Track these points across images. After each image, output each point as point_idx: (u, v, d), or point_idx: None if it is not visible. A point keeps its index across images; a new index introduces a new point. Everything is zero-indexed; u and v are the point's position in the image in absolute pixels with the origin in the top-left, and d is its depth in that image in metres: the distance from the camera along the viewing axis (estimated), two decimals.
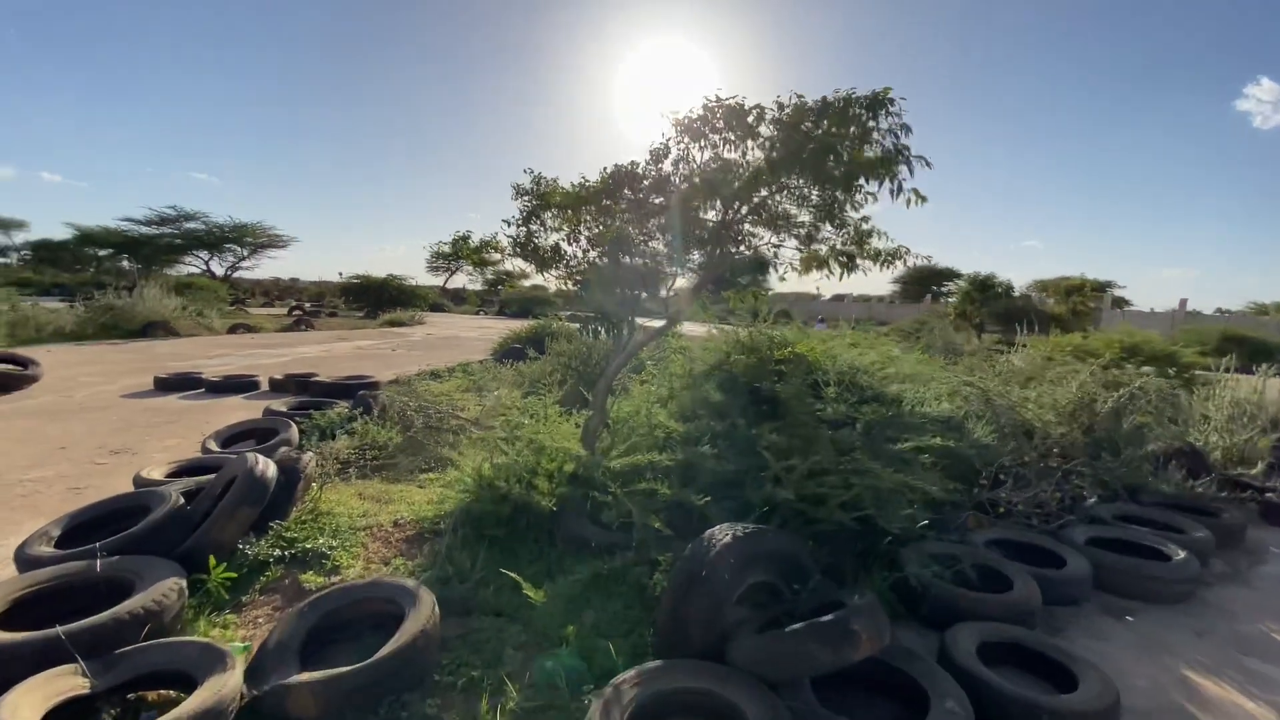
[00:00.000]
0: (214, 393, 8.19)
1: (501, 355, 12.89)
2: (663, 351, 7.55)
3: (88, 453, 5.23)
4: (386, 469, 5.10)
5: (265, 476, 3.25)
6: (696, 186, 3.13)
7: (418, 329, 22.74)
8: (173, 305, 17.33)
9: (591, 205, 3.52)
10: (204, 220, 46.15)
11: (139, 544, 2.93)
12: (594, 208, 3.55)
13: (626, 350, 3.93)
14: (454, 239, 4.09)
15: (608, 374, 4.09)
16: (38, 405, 6.95)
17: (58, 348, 12.28)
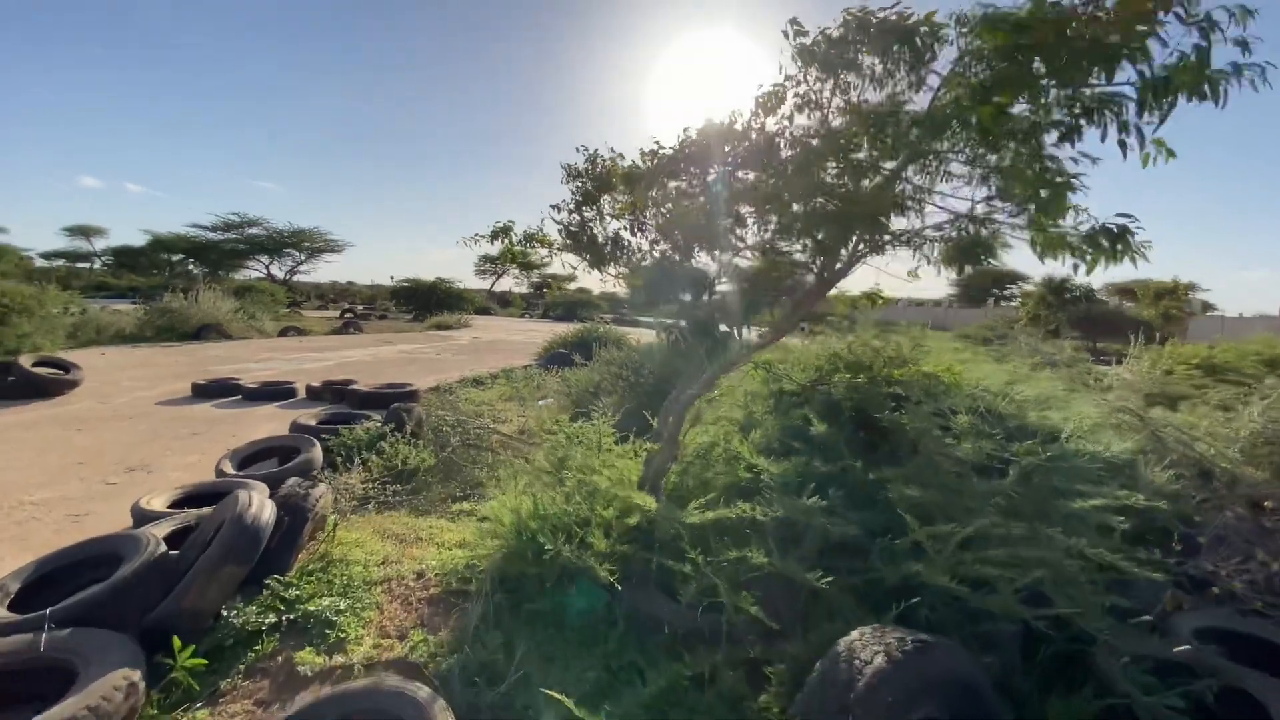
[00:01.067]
0: (250, 400, 7.84)
1: (546, 361, 12.33)
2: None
3: (103, 469, 4.81)
4: (416, 495, 4.49)
5: (257, 524, 2.64)
6: (835, 138, 2.27)
7: (464, 332, 22.56)
8: (227, 308, 17.54)
9: (665, 179, 2.77)
10: (265, 226, 47.85)
11: (102, 607, 2.35)
12: (668, 184, 2.80)
13: (714, 369, 3.15)
14: (494, 229, 3.41)
15: (684, 397, 3.33)
16: (73, 412, 6.69)
17: (112, 349, 12.39)
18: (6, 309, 11.01)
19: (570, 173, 3.41)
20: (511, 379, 10.78)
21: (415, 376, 10.54)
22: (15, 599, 2.47)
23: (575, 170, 3.34)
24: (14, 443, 5.39)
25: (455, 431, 5.69)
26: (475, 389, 9.94)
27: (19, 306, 11.25)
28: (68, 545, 2.75)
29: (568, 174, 3.41)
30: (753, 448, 3.37)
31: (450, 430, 5.67)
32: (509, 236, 3.47)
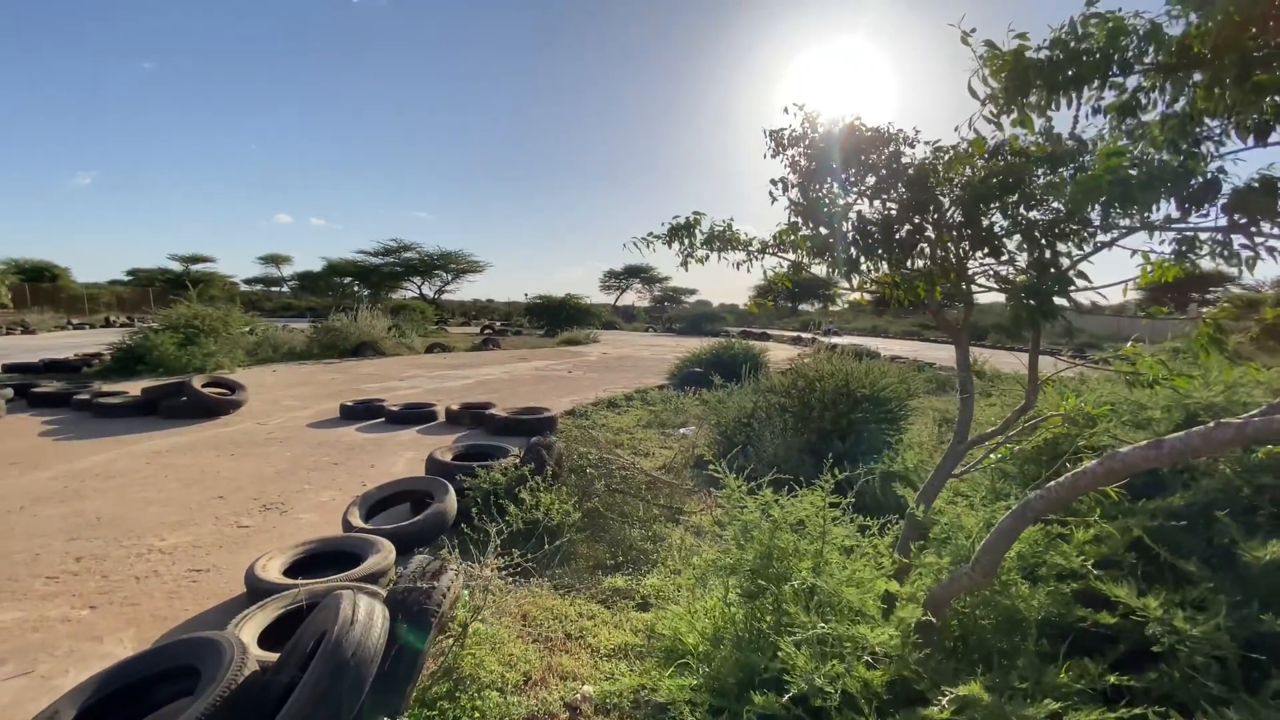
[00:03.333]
0: (392, 423, 7.66)
1: (681, 381, 11.41)
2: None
3: (240, 505, 4.52)
4: (558, 560, 3.65)
5: (360, 656, 1.84)
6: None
7: (593, 348, 22.42)
8: (381, 327, 18.67)
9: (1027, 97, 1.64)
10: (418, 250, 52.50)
11: None
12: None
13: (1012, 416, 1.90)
14: (673, 227, 2.45)
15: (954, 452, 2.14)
16: (230, 434, 6.79)
17: (283, 367, 13.33)
18: (197, 330, 12.19)
19: (781, 142, 2.36)
20: (647, 401, 9.97)
21: (550, 397, 10.08)
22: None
23: (793, 135, 2.29)
24: (169, 469, 5.36)
25: (599, 473, 4.84)
26: (611, 412, 9.23)
27: (208, 328, 12.42)
28: (139, 653, 2.14)
29: (777, 144, 2.36)
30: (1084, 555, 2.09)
31: (594, 472, 4.83)
32: (691, 234, 2.48)
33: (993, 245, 1.98)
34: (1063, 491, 1.76)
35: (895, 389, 6.16)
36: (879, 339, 32.79)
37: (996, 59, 1.72)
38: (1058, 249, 1.84)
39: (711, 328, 38.16)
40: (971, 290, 2.27)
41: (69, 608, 3.01)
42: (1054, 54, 1.66)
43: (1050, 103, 1.73)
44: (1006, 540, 1.84)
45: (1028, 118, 1.80)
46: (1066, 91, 1.68)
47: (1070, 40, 1.64)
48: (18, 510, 4.28)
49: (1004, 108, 1.81)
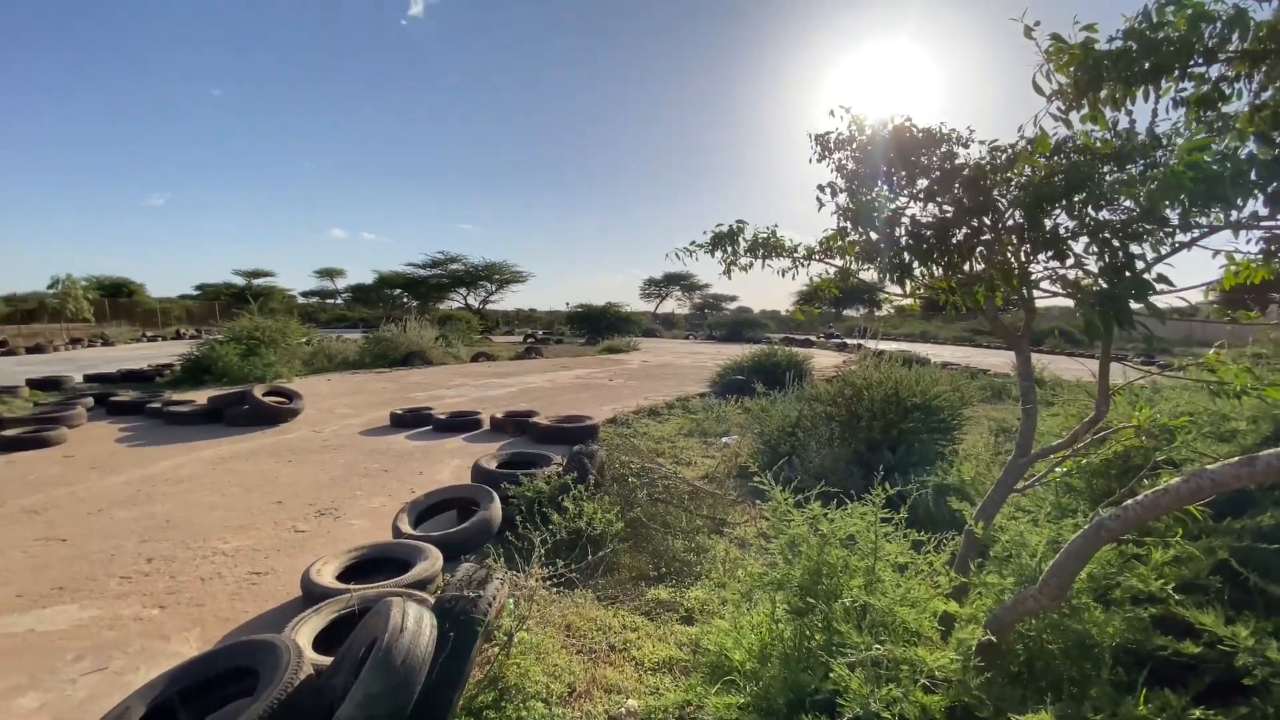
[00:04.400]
0: (439, 431, 7.84)
1: (723, 389, 11.30)
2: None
3: (297, 511, 4.69)
4: (601, 570, 3.63)
5: (410, 663, 1.86)
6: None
7: (633, 356, 22.47)
8: (429, 337, 19.20)
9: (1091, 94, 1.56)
10: (464, 262, 53.90)
11: None
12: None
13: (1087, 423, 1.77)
14: (715, 235, 2.42)
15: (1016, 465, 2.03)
16: (288, 441, 7.08)
17: (337, 376, 13.84)
18: (258, 341, 12.78)
19: (827, 145, 2.30)
20: (689, 410, 9.91)
21: (591, 405, 10.13)
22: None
23: (839, 139, 2.23)
24: (232, 474, 5.62)
25: (641, 482, 4.81)
26: (652, 420, 9.21)
27: (268, 339, 13.02)
28: (203, 654, 2.23)
29: (823, 148, 2.31)
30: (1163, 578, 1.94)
31: (636, 481, 4.81)
32: (734, 243, 2.45)
33: (1057, 248, 1.88)
34: (1141, 510, 1.64)
35: (948, 397, 5.93)
36: (929, 345, 31.77)
37: (1062, 53, 1.63)
38: (1131, 251, 1.73)
39: (753, 334, 37.73)
40: (1033, 295, 2.16)
41: (140, 607, 3.17)
42: (1127, 45, 1.56)
43: (1126, 97, 1.63)
44: (1078, 561, 1.73)
45: (1100, 113, 1.70)
46: (1143, 84, 1.58)
47: (1146, 29, 1.55)
48: (96, 512, 4.56)
49: (1073, 103, 1.71)
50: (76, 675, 2.58)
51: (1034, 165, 1.96)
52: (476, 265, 53.59)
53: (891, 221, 2.05)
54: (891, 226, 2.05)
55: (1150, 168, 1.88)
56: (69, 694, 2.45)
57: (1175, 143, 1.88)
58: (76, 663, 2.67)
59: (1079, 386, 10.38)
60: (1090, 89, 1.64)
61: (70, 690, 2.48)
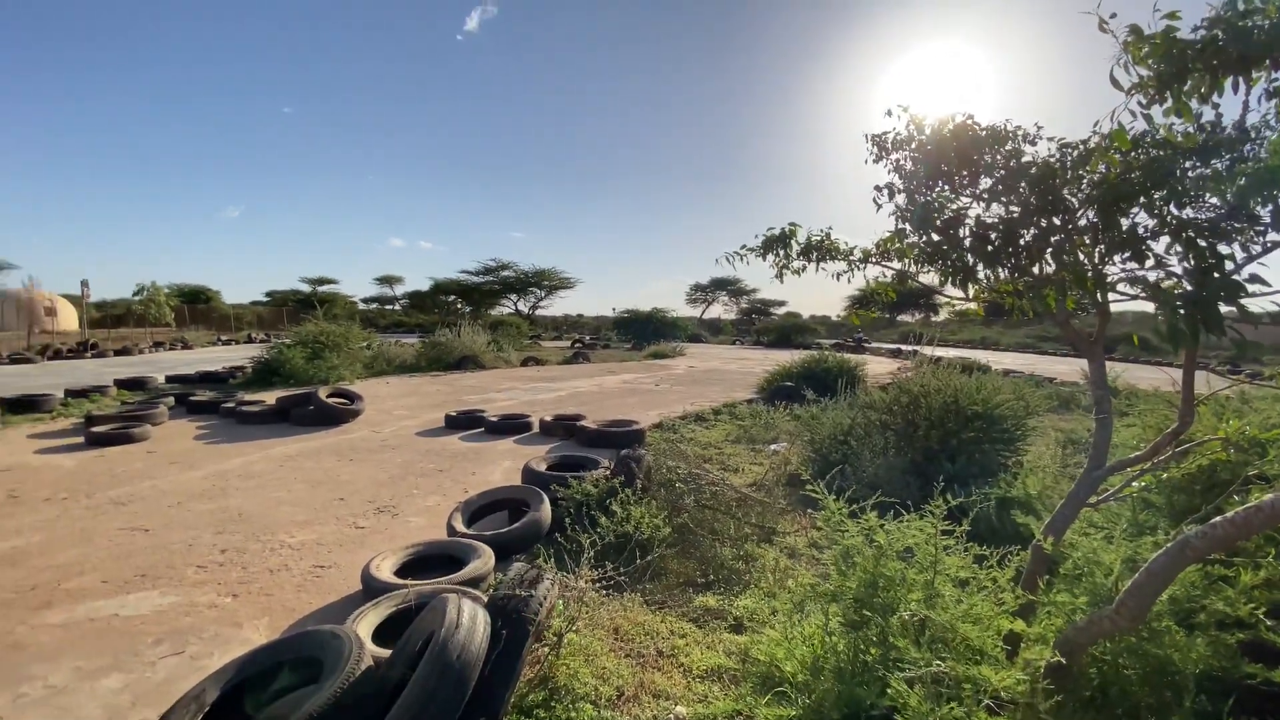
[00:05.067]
0: (491, 433, 8.02)
1: (771, 396, 11.13)
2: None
3: (357, 507, 4.89)
4: (648, 575, 3.63)
5: (465, 659, 1.91)
6: None
7: (680, 361, 22.41)
8: (481, 341, 19.70)
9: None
10: (515, 268, 55.26)
11: None
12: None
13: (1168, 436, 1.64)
14: (767, 239, 2.40)
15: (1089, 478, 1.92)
16: (349, 441, 7.38)
17: (395, 379, 14.36)
18: (322, 345, 13.41)
19: (883, 146, 2.24)
20: (736, 416, 9.79)
21: (637, 410, 10.16)
22: (213, 708, 2.07)
23: (897, 140, 2.17)
24: (297, 472, 5.91)
25: (688, 488, 4.79)
26: (698, 426, 9.15)
27: (331, 343, 13.63)
28: (271, 642, 2.35)
29: (878, 148, 2.25)
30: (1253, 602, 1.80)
31: (683, 487, 4.79)
32: (787, 246, 2.41)
33: (1136, 248, 1.77)
34: (1231, 529, 1.52)
35: (1011, 406, 5.67)
36: (989, 351, 30.46)
37: (1142, 44, 1.54)
38: (1219, 250, 1.61)
39: (802, 340, 37.08)
40: (1108, 299, 2.04)
41: (215, 595, 3.36)
42: (1213, 34, 1.46)
43: (1214, 89, 1.53)
44: (1159, 582, 1.62)
45: (1185, 106, 1.60)
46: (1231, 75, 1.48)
47: (1234, 18, 1.44)
48: (176, 505, 4.87)
49: (1156, 97, 1.62)
50: (156, 658, 2.76)
51: (1109, 162, 1.86)
52: (526, 272, 54.87)
53: (954, 222, 1.98)
54: (954, 228, 1.98)
55: (1238, 162, 1.75)
56: (149, 676, 2.62)
57: (1265, 136, 1.75)
58: (156, 646, 2.85)
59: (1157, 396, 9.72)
60: (1174, 81, 1.54)
61: (150, 672, 2.65)
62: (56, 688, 2.51)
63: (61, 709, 2.37)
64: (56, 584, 3.45)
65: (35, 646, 2.82)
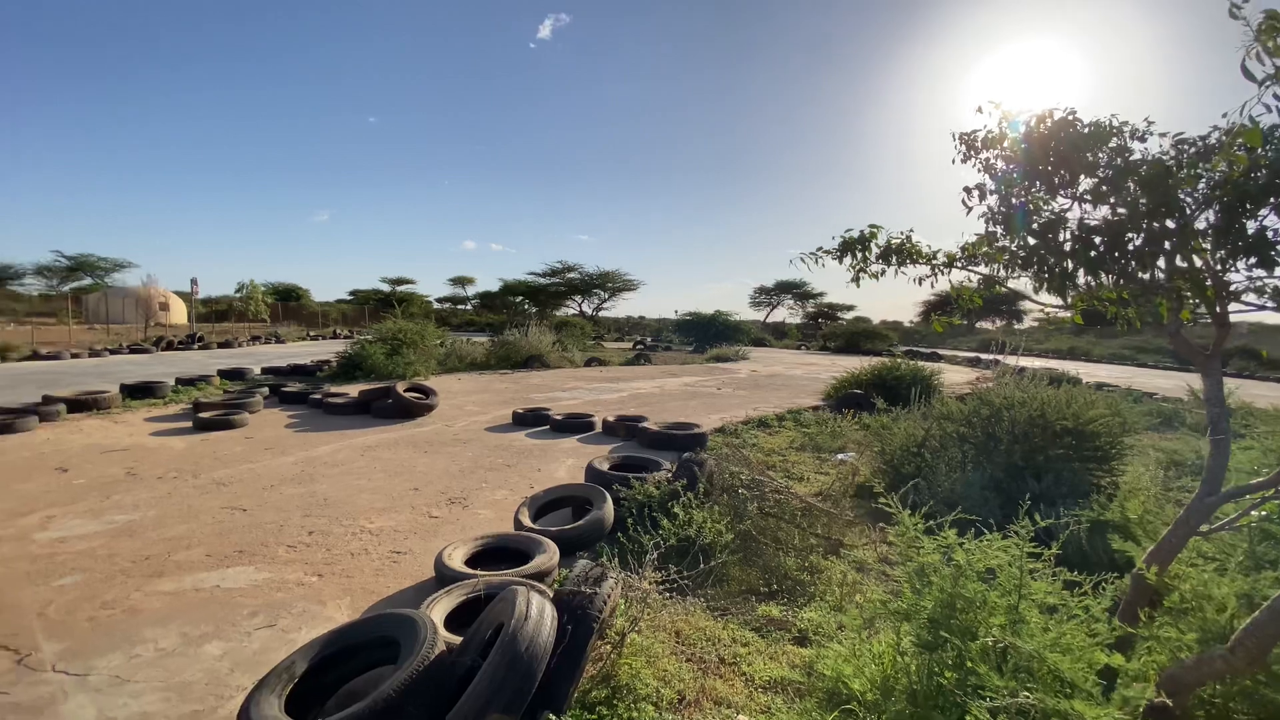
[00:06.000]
0: (555, 431, 8.20)
1: (838, 403, 10.79)
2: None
3: (430, 498, 5.11)
4: (711, 580, 3.60)
5: (534, 650, 1.96)
6: None
7: (742, 365, 22.11)
8: (548, 341, 20.17)
9: None
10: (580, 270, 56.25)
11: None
12: None
13: None
14: (845, 241, 2.33)
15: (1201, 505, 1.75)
16: (424, 434, 7.73)
17: (467, 376, 14.92)
18: (400, 342, 14.10)
19: (972, 144, 2.14)
20: (801, 423, 9.57)
21: (699, 413, 10.11)
22: (301, 679, 2.21)
23: (990, 138, 2.06)
24: (377, 462, 6.24)
25: (751, 495, 4.72)
26: (761, 432, 9.00)
27: (409, 341, 14.31)
28: (353, 622, 2.49)
29: (967, 147, 2.15)
30: None
31: (746, 493, 4.72)
32: (866, 248, 2.34)
33: (1264, 253, 1.60)
34: None
35: (1105, 422, 5.27)
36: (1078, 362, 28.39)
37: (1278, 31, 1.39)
38: None
39: (871, 346, 35.79)
40: (1228, 309, 1.86)
41: (302, 574, 3.60)
42: None
43: None
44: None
45: None
46: None
47: None
48: (269, 488, 5.25)
49: None
50: (251, 629, 2.98)
51: (1234, 160, 1.70)
52: (591, 274, 55.71)
53: (1052, 225, 1.85)
54: (1052, 231, 1.86)
55: None
56: (245, 645, 2.84)
57: None
58: (251, 618, 3.09)
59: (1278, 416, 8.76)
60: None
61: (246, 642, 2.86)
62: (165, 650, 2.76)
63: (169, 671, 2.60)
64: (167, 555, 3.79)
65: (148, 611, 3.11)
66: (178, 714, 2.31)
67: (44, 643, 2.77)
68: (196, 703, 2.38)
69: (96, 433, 7.28)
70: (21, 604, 3.12)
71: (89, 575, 3.48)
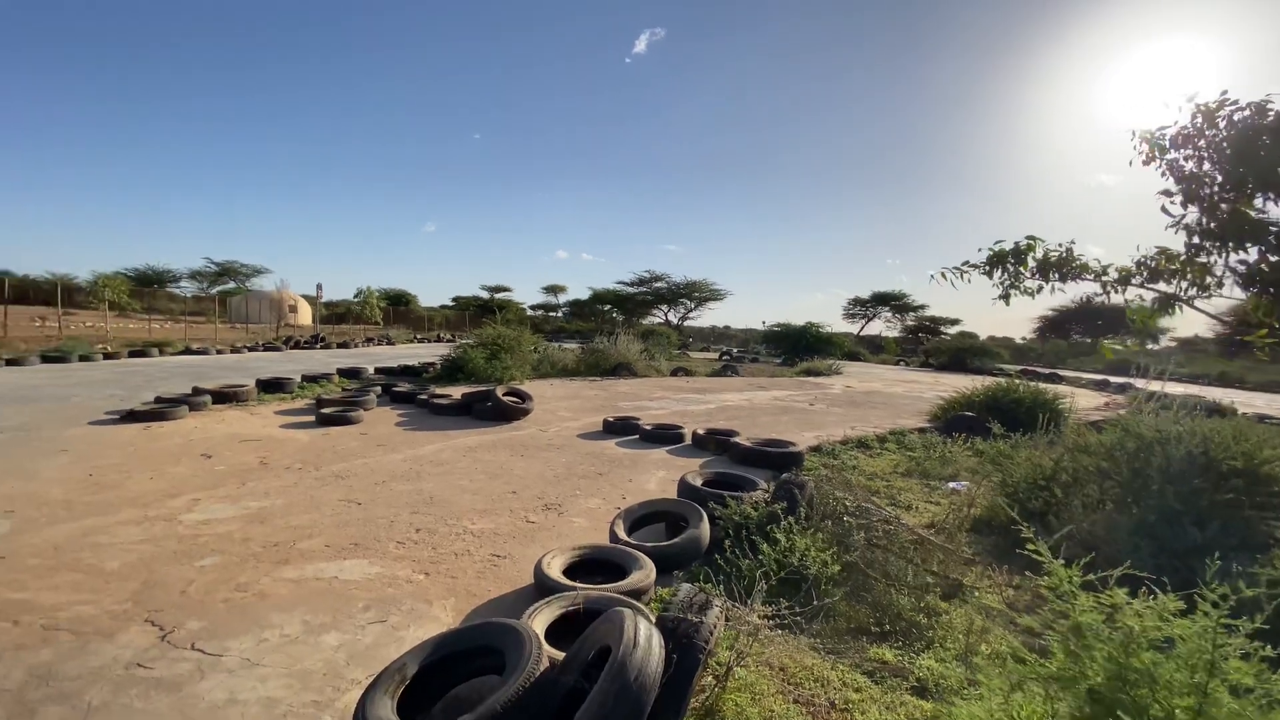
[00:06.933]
0: (645, 441, 8.17)
1: (946, 425, 10.02)
2: None
3: (528, 502, 5.20)
4: (817, 614, 3.37)
5: (642, 680, 1.87)
6: None
7: (836, 380, 21.20)
8: (635, 350, 20.34)
9: None
10: (667, 280, 56.55)
11: None
12: None
13: None
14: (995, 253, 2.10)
15: None
16: (520, 437, 7.95)
17: (558, 382, 15.30)
18: (499, 347, 14.69)
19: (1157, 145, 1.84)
20: (905, 445, 8.97)
21: (792, 430, 9.73)
22: (411, 683, 2.25)
23: (1182, 134, 1.77)
24: (478, 463, 6.46)
25: (857, 523, 4.42)
26: (861, 453, 8.51)
27: (506, 346, 14.89)
28: (461, 628, 2.52)
29: (1151, 147, 1.86)
30: None
31: (851, 521, 4.43)
32: (1021, 262, 2.09)
33: None
34: None
35: None
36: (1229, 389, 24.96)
37: None
38: None
39: (978, 364, 33.29)
40: None
41: (410, 571, 3.74)
42: None
43: None
44: None
45: None
46: None
47: None
48: (381, 484, 5.56)
49: None
50: (365, 623, 3.11)
51: None
52: (678, 283, 55.84)
53: None
54: None
55: None
56: (359, 638, 2.96)
57: None
58: (365, 611, 3.22)
59: None
60: None
61: (360, 635, 2.99)
62: (289, 637, 2.93)
63: (292, 658, 2.75)
64: (292, 543, 4.08)
65: (275, 597, 3.33)
66: (299, 702, 2.43)
67: (185, 620, 3.02)
68: (315, 692, 2.49)
69: (236, 423, 8.07)
70: (168, 581, 3.44)
71: (225, 558, 3.79)
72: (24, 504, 4.56)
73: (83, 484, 5.12)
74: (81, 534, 4.04)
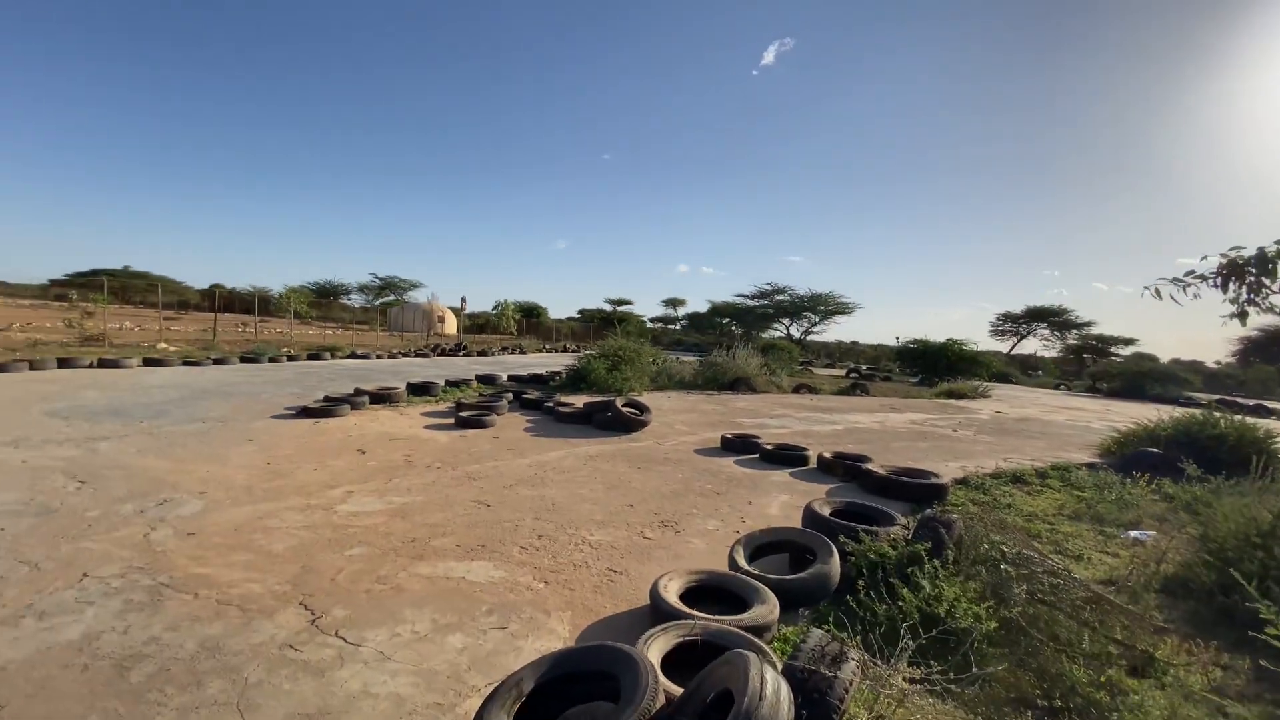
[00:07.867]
0: (765, 461, 7.83)
1: (1124, 463, 8.57)
2: None
3: (644, 516, 5.14)
4: (967, 677, 2.93)
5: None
6: None
7: (983, 404, 19.16)
8: (755, 365, 19.82)
9: None
10: (790, 293, 54.86)
11: None
12: None
13: None
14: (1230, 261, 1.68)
15: None
16: (637, 449, 7.96)
17: (675, 394, 15.29)
18: (620, 359, 14.98)
19: None
20: (1072, 483, 7.79)
21: (932, 458, 8.85)
22: (526, 699, 2.23)
23: None
24: (597, 473, 6.54)
25: (1017, 573, 3.85)
26: (1016, 490, 7.50)
27: (627, 358, 15.15)
28: (576, 648, 2.46)
29: None
30: None
31: (1010, 570, 3.86)
32: (1269, 272, 1.64)
33: None
34: None
35: None
36: None
37: None
38: None
39: (1160, 391, 28.60)
40: None
41: (531, 578, 3.80)
42: None
43: None
44: None
45: None
46: None
47: None
48: (508, 487, 5.79)
49: None
50: (487, 627, 3.18)
51: None
52: (802, 296, 53.90)
53: None
54: None
55: None
56: (480, 643, 3.02)
57: None
58: (488, 615, 3.30)
59: None
60: None
61: (482, 640, 3.05)
62: (419, 635, 3.06)
63: (420, 656, 2.86)
64: (427, 540, 4.32)
65: (410, 592, 3.52)
66: (423, 703, 2.51)
67: (332, 607, 3.28)
68: (439, 695, 2.56)
69: (388, 422, 8.88)
70: (321, 568, 3.77)
71: (370, 549, 4.10)
72: (215, 486, 5.28)
73: (261, 471, 5.85)
74: (257, 517, 4.59)
